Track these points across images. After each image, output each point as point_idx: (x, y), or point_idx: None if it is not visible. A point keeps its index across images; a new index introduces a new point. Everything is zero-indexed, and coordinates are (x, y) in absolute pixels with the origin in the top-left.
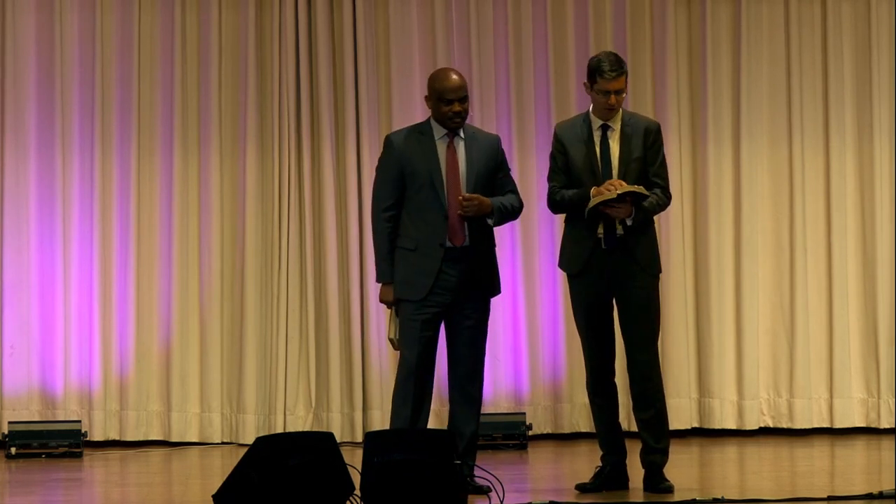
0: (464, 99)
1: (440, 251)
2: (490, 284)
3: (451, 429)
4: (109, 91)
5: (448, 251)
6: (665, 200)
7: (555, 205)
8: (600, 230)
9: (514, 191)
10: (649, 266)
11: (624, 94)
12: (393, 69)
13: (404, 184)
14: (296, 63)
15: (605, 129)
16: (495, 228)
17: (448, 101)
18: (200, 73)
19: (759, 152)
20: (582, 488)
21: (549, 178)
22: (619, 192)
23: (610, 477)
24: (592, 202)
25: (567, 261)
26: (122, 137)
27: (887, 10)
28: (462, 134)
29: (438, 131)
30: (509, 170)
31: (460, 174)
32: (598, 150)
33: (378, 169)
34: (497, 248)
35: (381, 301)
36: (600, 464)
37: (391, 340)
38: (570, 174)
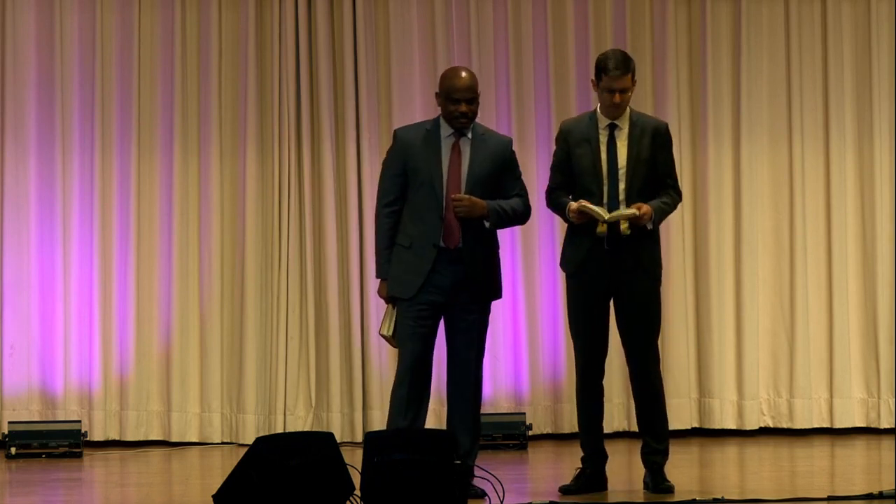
0: (472, 100)
1: (433, 251)
2: (488, 288)
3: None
4: (109, 91)
5: (441, 252)
6: (677, 199)
7: (549, 204)
8: (601, 228)
9: (522, 195)
10: (652, 268)
11: (630, 93)
12: (393, 69)
13: (407, 180)
14: (296, 63)
15: (612, 128)
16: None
17: (455, 101)
18: (200, 73)
19: (759, 152)
20: (566, 490)
21: (550, 176)
22: (607, 218)
23: (590, 480)
24: (587, 211)
25: (566, 260)
26: (122, 137)
27: (887, 10)
28: (469, 134)
29: (446, 130)
30: (520, 174)
31: (462, 175)
32: (604, 150)
33: (384, 162)
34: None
35: (379, 296)
36: (580, 465)
37: (383, 336)
38: (573, 173)
